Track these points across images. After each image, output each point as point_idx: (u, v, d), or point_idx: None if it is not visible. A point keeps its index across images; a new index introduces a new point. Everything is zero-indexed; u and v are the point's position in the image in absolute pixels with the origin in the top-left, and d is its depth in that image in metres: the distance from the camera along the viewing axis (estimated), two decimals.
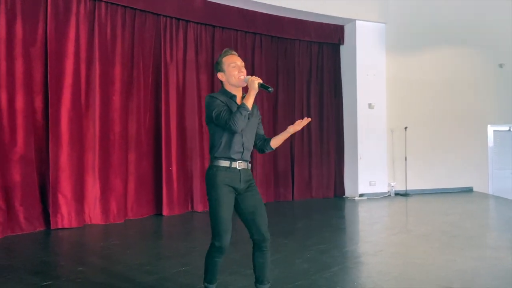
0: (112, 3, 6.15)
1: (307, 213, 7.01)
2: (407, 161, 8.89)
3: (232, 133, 2.64)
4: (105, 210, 5.95)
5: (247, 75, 2.80)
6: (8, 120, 5.21)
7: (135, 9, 6.43)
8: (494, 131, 9.64)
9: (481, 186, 9.49)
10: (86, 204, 5.88)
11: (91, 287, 3.33)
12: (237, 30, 7.65)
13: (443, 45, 9.25)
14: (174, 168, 6.69)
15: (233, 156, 2.68)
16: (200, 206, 6.93)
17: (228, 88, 2.78)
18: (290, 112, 8.31)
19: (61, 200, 5.56)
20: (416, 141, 9.01)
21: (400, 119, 8.95)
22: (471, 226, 5.65)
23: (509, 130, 9.68)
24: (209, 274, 2.76)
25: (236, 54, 2.86)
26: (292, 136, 7.97)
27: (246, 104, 2.62)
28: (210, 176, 2.67)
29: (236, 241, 3.14)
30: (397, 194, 8.89)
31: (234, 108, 2.67)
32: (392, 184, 8.91)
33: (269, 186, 7.94)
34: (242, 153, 2.72)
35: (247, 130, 2.73)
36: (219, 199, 2.62)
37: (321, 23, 8.56)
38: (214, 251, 2.66)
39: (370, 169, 8.60)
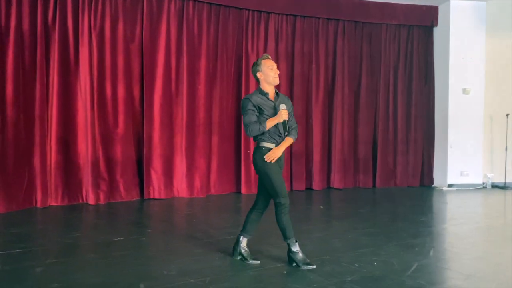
0: (199, 1, 6.84)
1: (380, 201, 6.97)
2: (507, 151, 8.14)
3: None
4: (190, 185, 6.76)
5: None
6: (112, 106, 6.25)
7: (219, 5, 7.04)
8: None
9: None
10: (175, 179, 6.75)
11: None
12: (318, 18, 7.80)
13: None
14: (251, 151, 7.21)
15: (275, 140, 3.39)
16: None
17: (263, 86, 3.45)
18: (373, 99, 8.22)
19: (153, 175, 6.50)
20: None
21: (501, 105, 8.20)
22: None
23: None
24: (287, 230, 3.36)
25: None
26: (376, 122, 8.14)
27: (267, 125, 3.30)
28: (263, 154, 3.35)
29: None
30: (494, 186, 8.22)
31: (266, 105, 3.37)
32: (489, 175, 8.26)
33: (348, 172, 8.02)
34: (281, 138, 3.42)
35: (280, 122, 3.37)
36: (275, 170, 3.35)
37: (411, 5, 8.22)
38: (283, 209, 3.31)
39: (463, 158, 8.09)
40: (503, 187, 8.09)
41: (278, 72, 3.50)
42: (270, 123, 3.30)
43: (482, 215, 5.61)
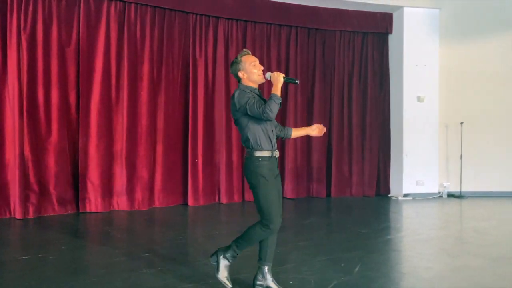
0: (141, 4, 6.54)
1: (328, 211, 6.75)
2: (462, 159, 8.06)
3: (266, 120, 2.87)
4: (131, 198, 6.39)
5: (273, 71, 3.11)
6: (44, 113, 5.86)
7: (164, 8, 6.76)
8: None
9: None
10: (114, 191, 6.37)
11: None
12: (270, 23, 7.61)
13: (510, 31, 8.16)
14: (200, 160, 6.92)
15: (272, 147, 2.96)
16: (225, 198, 7.08)
17: (248, 84, 3.03)
18: (326, 107, 8.04)
19: (90, 187, 6.11)
20: (475, 138, 8.13)
21: (456, 113, 8.14)
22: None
23: None
24: (248, 244, 2.99)
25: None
26: (330, 130, 7.95)
27: (277, 94, 2.88)
28: (257, 166, 2.89)
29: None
30: (450, 195, 8.11)
31: (257, 98, 2.95)
32: (445, 184, 8.15)
33: (301, 181, 7.79)
34: (276, 142, 3.04)
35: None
36: (270, 186, 2.88)
37: (365, 12, 8.11)
38: (267, 231, 2.88)
39: (418, 167, 7.96)
40: (459, 196, 7.99)
41: (262, 68, 3.07)
42: (277, 91, 2.90)
43: (428, 226, 5.43)
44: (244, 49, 3.14)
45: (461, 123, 8.04)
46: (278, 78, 2.94)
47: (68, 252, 4.06)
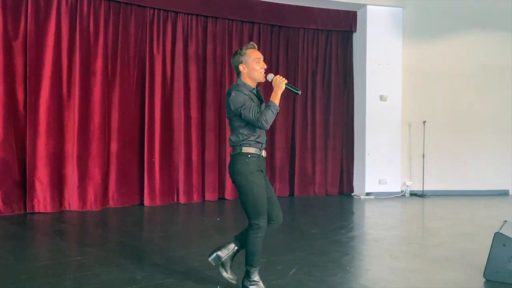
0: None
1: (287, 211, 6.66)
2: (425, 158, 8.08)
3: (259, 128, 2.77)
4: (83, 198, 6.18)
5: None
6: None
7: (119, 2, 6.56)
8: None
9: None
10: (65, 191, 6.16)
11: None
12: (232, 20, 7.47)
13: (472, 30, 8.23)
14: (157, 159, 6.75)
15: (260, 146, 2.86)
16: (184, 198, 6.93)
17: (246, 80, 2.88)
18: (290, 106, 7.94)
19: (38, 186, 5.87)
20: (437, 137, 8.16)
21: (419, 112, 8.15)
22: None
23: None
24: (254, 256, 2.86)
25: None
26: (293, 129, 7.87)
27: (275, 102, 2.75)
28: (245, 163, 2.77)
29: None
30: (412, 194, 8.13)
31: (255, 101, 2.80)
32: (408, 183, 8.16)
33: None
34: (266, 142, 2.94)
35: None
36: (258, 183, 2.77)
37: (329, 10, 8.05)
38: (259, 232, 2.79)
39: (380, 166, 7.95)
40: (421, 195, 8.01)
41: (265, 66, 2.93)
42: (276, 99, 2.77)
43: (380, 225, 5.37)
44: (251, 42, 2.99)
45: (424, 122, 8.06)
46: (280, 84, 2.81)
47: None
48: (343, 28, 8.20)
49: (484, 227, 5.12)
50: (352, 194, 8.20)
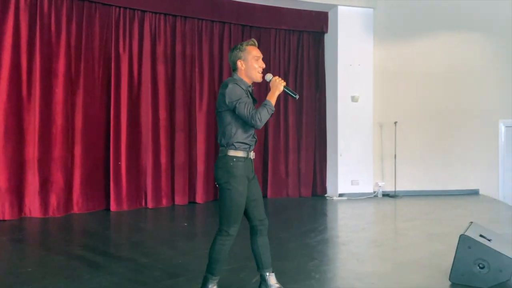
0: None
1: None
2: (396, 159, 8.09)
3: (251, 126, 2.67)
4: (45, 204, 5.91)
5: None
6: None
7: (83, 0, 6.32)
8: (506, 127, 8.50)
9: (490, 189, 8.42)
10: (26, 197, 5.88)
11: None
12: (201, 19, 7.32)
13: (442, 31, 8.30)
14: (123, 162, 6.53)
15: (249, 148, 2.75)
16: (152, 202, 6.73)
17: (242, 77, 2.78)
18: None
19: None
20: (409, 137, 8.19)
21: (390, 113, 8.16)
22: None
23: None
24: (217, 263, 2.75)
25: None
26: (266, 130, 7.76)
27: (271, 103, 2.69)
28: (229, 166, 2.67)
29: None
30: (385, 195, 8.13)
31: (249, 99, 2.71)
32: (380, 184, 8.15)
33: None
34: (255, 144, 2.81)
35: None
36: (239, 189, 2.68)
37: (300, 10, 7.98)
38: (226, 239, 2.70)
39: (353, 167, 7.92)
40: (393, 195, 8.01)
41: (264, 66, 2.84)
42: (273, 99, 2.72)
43: (350, 227, 5.29)
44: (252, 39, 2.89)
45: (395, 122, 8.08)
46: (278, 86, 2.76)
47: None
48: (315, 28, 8.15)
49: (453, 227, 5.10)
50: (325, 195, 8.15)
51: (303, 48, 8.14)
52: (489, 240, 3.18)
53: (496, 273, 3.03)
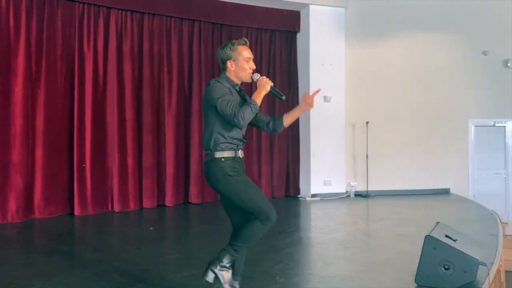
0: None
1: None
2: (368, 158, 8.09)
3: (234, 125, 2.58)
4: (3, 208, 5.63)
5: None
6: None
7: None
8: (475, 126, 8.61)
9: (460, 188, 8.50)
10: None
11: None
12: (170, 16, 7.13)
13: (414, 31, 8.34)
14: (88, 165, 6.29)
15: (236, 147, 2.66)
16: (119, 206, 6.50)
17: (231, 77, 2.71)
18: None
19: None
20: (381, 138, 8.19)
21: (362, 113, 8.15)
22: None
23: (494, 125, 8.62)
24: (247, 244, 2.67)
25: None
26: None
27: (256, 101, 2.58)
28: (219, 168, 2.58)
29: None
30: (357, 195, 8.11)
31: (236, 98, 2.62)
32: (352, 184, 8.13)
33: (207, 184, 7.37)
34: (244, 142, 2.74)
35: None
36: (240, 180, 2.59)
37: (272, 9, 7.89)
38: (268, 226, 2.62)
39: (325, 167, 7.87)
40: (366, 195, 8.00)
41: (254, 67, 2.73)
42: (258, 99, 2.60)
43: (320, 228, 5.21)
44: (243, 38, 2.78)
45: (367, 122, 8.07)
46: (265, 86, 2.66)
47: None
48: (287, 28, 8.07)
49: (423, 227, 5.03)
50: (299, 196, 8.07)
51: (275, 47, 8.05)
52: (454, 241, 3.13)
53: (461, 274, 2.97)
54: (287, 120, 2.83)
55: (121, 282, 3.21)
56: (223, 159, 2.59)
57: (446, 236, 3.17)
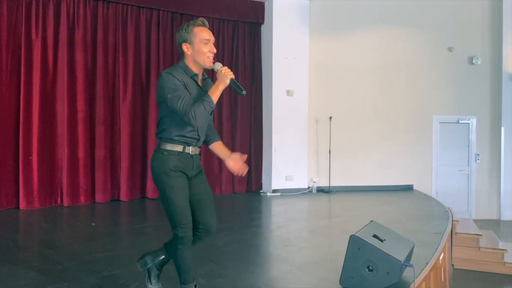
0: None
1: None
2: (331, 154, 8.00)
3: (186, 123, 2.38)
4: None
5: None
6: None
7: None
8: (440, 122, 8.58)
9: (424, 185, 8.48)
10: None
11: None
12: (127, 4, 6.88)
13: (379, 26, 8.24)
14: (34, 157, 6.05)
15: (187, 141, 2.46)
16: (68, 200, 6.29)
17: (189, 63, 2.47)
18: None
19: None
20: (345, 133, 8.11)
21: (326, 108, 8.04)
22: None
23: (458, 122, 8.61)
24: (186, 268, 2.51)
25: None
26: None
27: (212, 99, 2.35)
28: (160, 161, 2.42)
29: None
30: (320, 190, 8.02)
31: (194, 90, 2.41)
32: (315, 179, 8.04)
33: None
34: (198, 140, 2.53)
35: None
36: (174, 185, 2.40)
37: None
38: (179, 243, 2.45)
39: (287, 162, 7.75)
40: (328, 191, 7.92)
41: (215, 51, 2.49)
42: (215, 94, 2.35)
43: (269, 226, 5.12)
44: (200, 18, 2.52)
45: (330, 117, 7.97)
46: (224, 78, 2.37)
47: None
48: (251, 19, 7.89)
49: None
50: (260, 191, 7.95)
51: (238, 39, 7.87)
52: (382, 241, 3.03)
53: (384, 276, 2.87)
54: (217, 149, 2.66)
55: (32, 282, 3.02)
56: (165, 153, 2.43)
57: (374, 236, 3.06)
